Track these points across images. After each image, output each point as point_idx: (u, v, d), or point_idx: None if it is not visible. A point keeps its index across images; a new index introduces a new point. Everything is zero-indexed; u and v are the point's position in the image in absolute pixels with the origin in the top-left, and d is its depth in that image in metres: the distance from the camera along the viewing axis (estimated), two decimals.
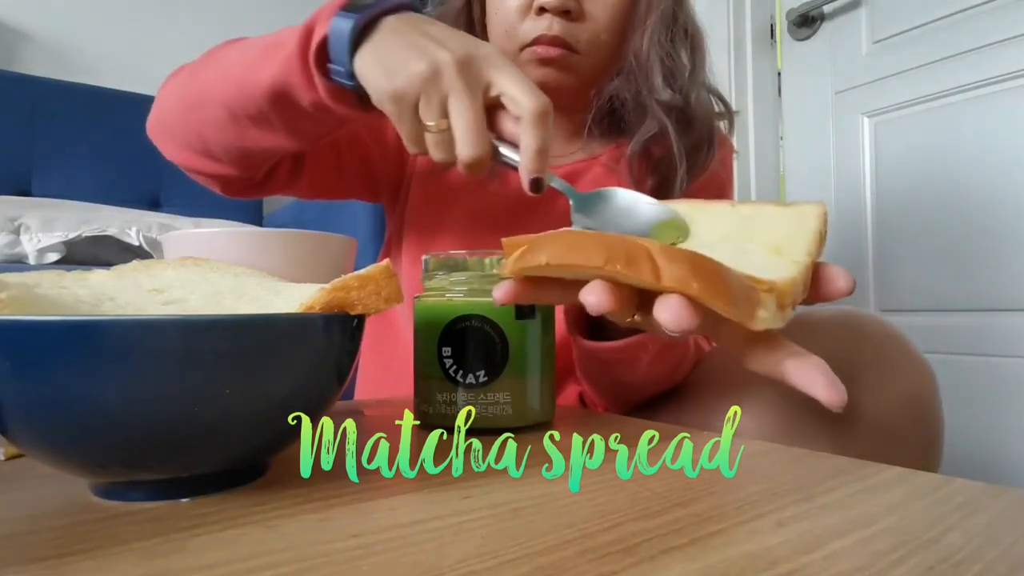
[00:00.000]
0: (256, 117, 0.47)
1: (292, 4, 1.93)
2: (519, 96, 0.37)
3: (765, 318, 0.24)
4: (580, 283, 0.27)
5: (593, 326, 0.46)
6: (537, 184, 0.38)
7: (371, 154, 0.63)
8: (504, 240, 0.31)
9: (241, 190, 0.57)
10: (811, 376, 0.25)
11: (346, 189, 0.64)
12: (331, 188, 0.62)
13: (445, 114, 0.38)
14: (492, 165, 0.40)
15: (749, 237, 0.29)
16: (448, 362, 0.36)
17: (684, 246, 0.30)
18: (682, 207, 0.34)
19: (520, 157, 0.38)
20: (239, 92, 0.46)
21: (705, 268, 0.23)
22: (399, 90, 0.38)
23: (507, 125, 0.39)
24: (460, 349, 0.36)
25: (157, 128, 0.55)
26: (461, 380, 0.36)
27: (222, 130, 0.49)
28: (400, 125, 0.40)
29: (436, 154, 0.40)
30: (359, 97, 0.42)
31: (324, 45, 0.41)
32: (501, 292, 0.30)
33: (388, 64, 0.39)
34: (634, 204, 0.37)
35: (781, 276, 0.24)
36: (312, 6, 0.42)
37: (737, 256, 0.27)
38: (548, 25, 0.55)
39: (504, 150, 0.39)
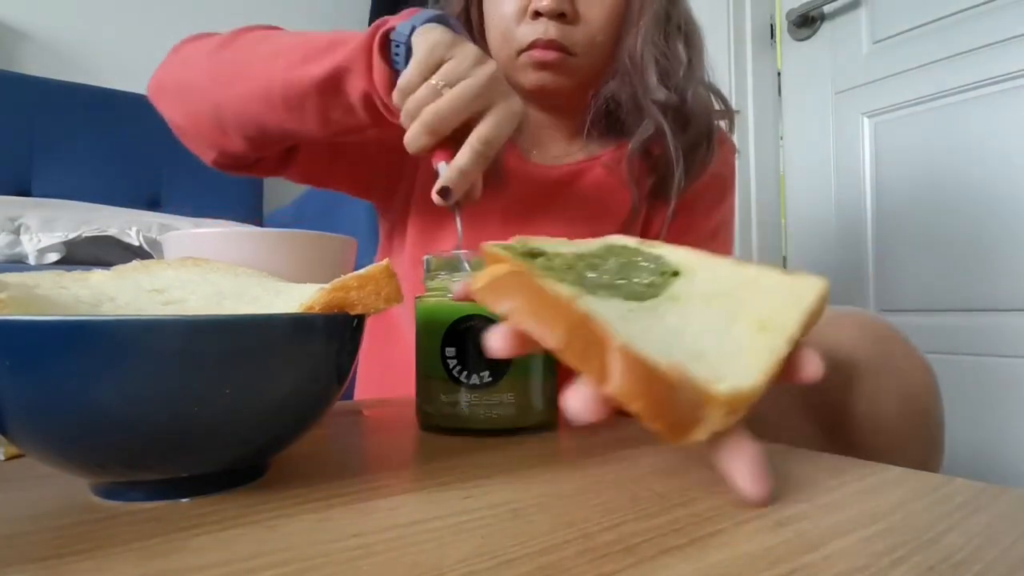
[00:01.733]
0: (294, 101, 0.48)
1: (292, 5, 1.94)
2: (485, 127, 0.41)
3: (705, 430, 0.22)
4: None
5: None
6: (444, 192, 0.41)
7: (369, 150, 0.63)
8: (485, 247, 0.31)
9: (231, 166, 0.58)
10: (737, 466, 0.24)
11: (335, 180, 0.64)
12: (320, 177, 0.63)
13: (450, 86, 0.41)
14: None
15: (742, 302, 0.27)
16: (452, 362, 0.36)
17: (677, 290, 0.29)
18: (684, 255, 0.32)
19: (447, 168, 0.41)
20: (284, 76, 0.48)
21: (655, 389, 0.21)
22: (440, 42, 0.42)
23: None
24: (464, 349, 0.36)
25: (163, 90, 0.55)
26: (465, 380, 0.36)
27: (248, 108, 0.51)
28: (411, 68, 0.42)
29: (414, 102, 0.41)
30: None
31: (386, 37, 0.45)
32: (459, 290, 0.30)
33: (448, 37, 0.43)
34: None
35: (745, 382, 0.22)
36: (313, 7, 0.43)
37: (722, 330, 0.25)
38: (544, 29, 0.55)
39: (443, 166, 0.42)
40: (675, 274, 0.30)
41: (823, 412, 0.47)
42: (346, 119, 0.50)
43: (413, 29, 0.44)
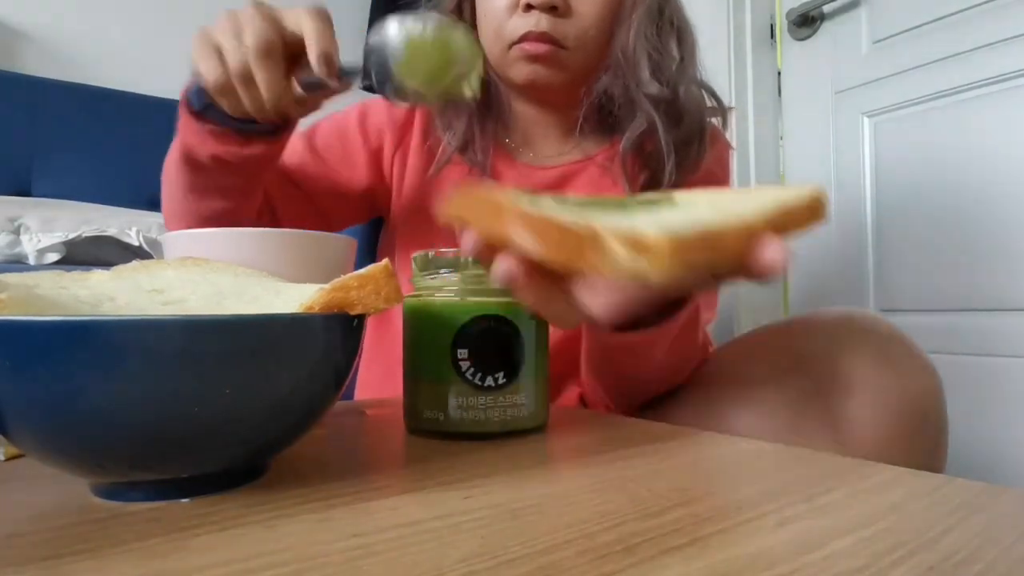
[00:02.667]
0: (189, 186, 0.51)
1: (292, 5, 1.93)
2: (303, 22, 0.42)
3: (609, 263, 0.21)
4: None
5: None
6: (330, 65, 0.42)
7: (339, 178, 0.63)
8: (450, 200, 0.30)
9: None
10: (597, 290, 0.25)
11: (333, 225, 0.65)
12: (316, 223, 0.63)
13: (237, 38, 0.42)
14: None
15: (717, 202, 0.26)
16: (464, 364, 0.35)
17: (661, 206, 0.28)
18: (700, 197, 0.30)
19: (308, 52, 0.42)
20: (173, 169, 0.52)
21: (537, 219, 0.23)
22: (200, 33, 0.43)
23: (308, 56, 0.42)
24: (479, 351, 0.35)
25: (170, 218, 0.59)
26: (480, 383, 0.35)
27: (191, 207, 0.53)
28: (200, 57, 0.43)
29: (231, 60, 0.42)
30: (236, 131, 0.47)
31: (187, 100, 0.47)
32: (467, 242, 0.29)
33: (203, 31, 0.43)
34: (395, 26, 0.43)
35: (650, 228, 0.20)
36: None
37: (669, 212, 0.25)
38: (535, 21, 0.55)
39: (304, 77, 0.43)
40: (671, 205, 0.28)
41: (823, 412, 0.47)
42: (232, 179, 0.51)
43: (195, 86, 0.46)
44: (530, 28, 0.55)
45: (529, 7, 0.55)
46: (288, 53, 0.43)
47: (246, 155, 0.48)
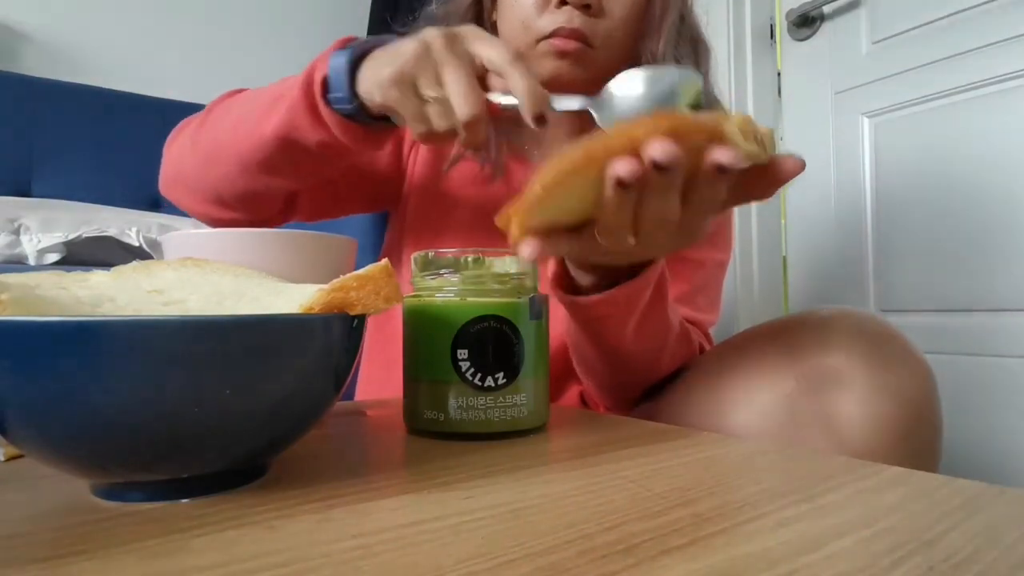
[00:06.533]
0: (264, 163, 0.50)
1: (292, 5, 1.94)
2: (494, 55, 0.41)
3: (733, 134, 0.29)
4: (589, 228, 0.32)
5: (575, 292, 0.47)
6: (540, 118, 0.41)
7: (366, 167, 0.64)
8: (497, 217, 0.33)
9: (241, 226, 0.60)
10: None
11: (344, 208, 0.66)
12: (329, 211, 0.65)
13: (441, 85, 0.41)
14: (494, 139, 0.44)
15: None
16: (464, 365, 0.35)
17: None
18: None
19: (517, 100, 0.41)
20: (248, 143, 0.50)
21: (667, 116, 0.28)
22: (396, 72, 0.41)
23: (497, 82, 0.42)
24: (479, 351, 0.35)
25: (172, 184, 0.59)
26: (480, 384, 0.35)
27: (235, 181, 0.53)
28: (403, 106, 0.42)
29: (439, 123, 0.42)
30: (363, 125, 0.46)
31: (325, 83, 0.45)
32: (528, 248, 0.32)
33: (383, 61, 0.43)
34: (648, 79, 0.42)
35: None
36: (313, 7, 0.43)
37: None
38: (568, 18, 0.56)
39: (501, 99, 0.42)
40: None
41: (823, 412, 0.47)
42: (318, 166, 0.51)
43: (350, 59, 0.44)
44: (562, 24, 0.56)
45: (563, 3, 0.56)
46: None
47: (359, 146, 0.48)
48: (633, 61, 0.60)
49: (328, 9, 1.98)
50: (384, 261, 0.27)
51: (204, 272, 0.33)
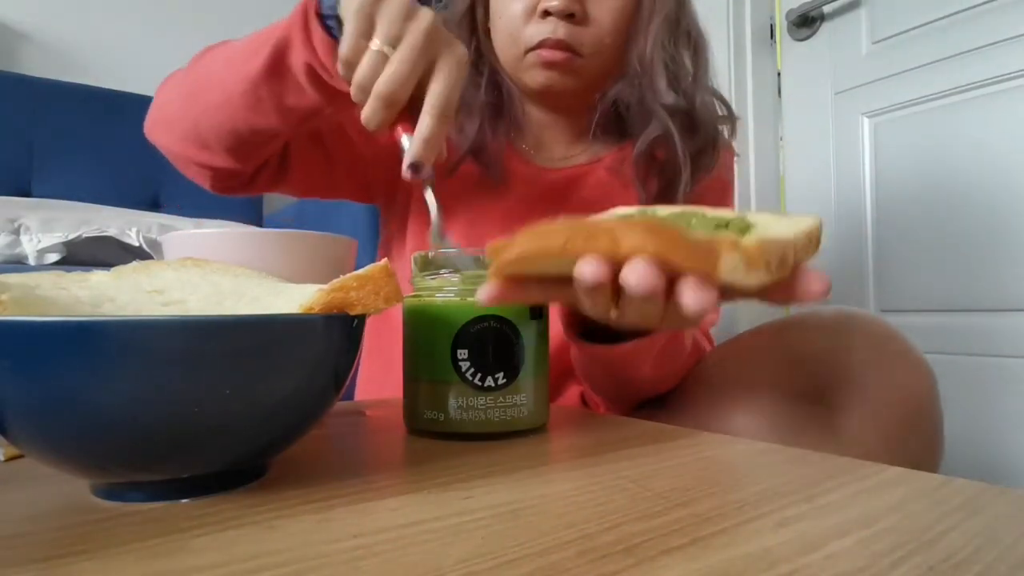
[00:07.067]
0: (251, 97, 0.48)
1: (291, 5, 1.93)
2: (439, 88, 0.40)
3: (731, 269, 0.23)
4: (562, 280, 0.28)
5: (588, 330, 0.46)
6: (415, 168, 0.40)
7: (361, 153, 0.63)
8: (488, 245, 0.31)
9: (230, 185, 0.58)
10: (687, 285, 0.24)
11: (337, 188, 0.64)
12: (321, 186, 0.63)
13: (391, 47, 0.39)
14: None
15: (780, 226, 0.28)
16: (464, 365, 0.35)
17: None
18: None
19: (411, 140, 0.40)
20: (234, 71, 0.48)
21: (662, 230, 0.24)
22: (369, 2, 0.40)
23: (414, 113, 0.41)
24: (479, 351, 0.35)
25: (154, 125, 0.57)
26: (480, 384, 0.35)
27: (216, 116, 0.51)
28: (347, 32, 0.40)
29: (362, 72, 0.40)
30: None
31: (319, 11, 0.43)
32: (485, 293, 0.30)
33: None
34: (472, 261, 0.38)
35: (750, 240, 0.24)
36: None
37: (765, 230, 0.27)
38: (552, 29, 0.56)
39: (407, 139, 0.41)
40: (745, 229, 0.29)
41: (823, 412, 0.47)
42: (300, 101, 0.49)
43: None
44: (547, 35, 0.56)
45: (547, 14, 0.55)
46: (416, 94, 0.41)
47: (341, 81, 0.46)
48: (622, 66, 0.60)
49: None
50: (384, 261, 0.27)
51: (204, 272, 0.33)
